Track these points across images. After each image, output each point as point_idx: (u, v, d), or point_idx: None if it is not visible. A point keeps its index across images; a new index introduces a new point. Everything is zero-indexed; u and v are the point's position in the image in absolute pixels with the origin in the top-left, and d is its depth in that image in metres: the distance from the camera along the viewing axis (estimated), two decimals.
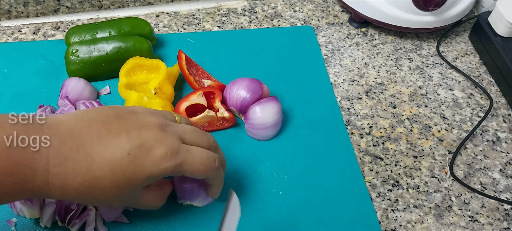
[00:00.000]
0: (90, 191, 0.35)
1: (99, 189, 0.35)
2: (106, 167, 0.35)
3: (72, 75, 0.55)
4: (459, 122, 0.57)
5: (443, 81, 0.62)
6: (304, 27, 0.67)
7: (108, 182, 0.35)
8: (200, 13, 0.69)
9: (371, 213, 0.46)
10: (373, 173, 0.51)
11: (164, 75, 0.52)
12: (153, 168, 0.36)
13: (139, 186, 0.37)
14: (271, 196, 0.47)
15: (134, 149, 0.36)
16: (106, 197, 0.37)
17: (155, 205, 0.41)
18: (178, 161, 0.37)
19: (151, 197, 0.41)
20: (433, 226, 0.47)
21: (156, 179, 0.38)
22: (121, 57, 0.54)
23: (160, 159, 0.36)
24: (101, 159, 0.35)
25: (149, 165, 0.36)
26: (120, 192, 0.36)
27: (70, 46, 0.55)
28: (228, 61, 0.61)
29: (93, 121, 0.37)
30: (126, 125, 0.37)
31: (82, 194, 0.36)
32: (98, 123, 0.37)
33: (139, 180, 0.36)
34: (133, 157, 0.35)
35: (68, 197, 0.36)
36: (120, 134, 0.36)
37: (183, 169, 0.38)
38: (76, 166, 0.35)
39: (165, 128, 0.38)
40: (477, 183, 0.51)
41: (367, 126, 0.56)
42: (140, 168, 0.36)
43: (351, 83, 0.61)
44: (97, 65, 0.55)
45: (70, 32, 0.56)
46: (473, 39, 0.68)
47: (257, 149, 0.51)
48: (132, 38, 0.56)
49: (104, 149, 0.35)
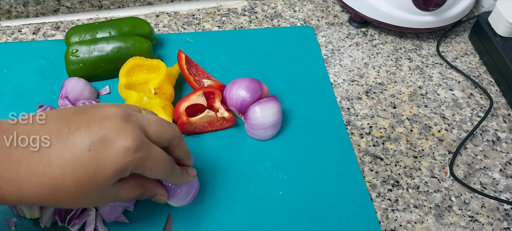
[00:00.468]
0: (52, 193, 0.33)
1: (61, 191, 0.33)
2: (66, 166, 0.33)
3: (72, 75, 0.55)
4: (459, 122, 0.57)
5: (443, 81, 0.62)
6: (304, 27, 0.67)
7: (70, 182, 0.33)
8: (200, 13, 0.69)
9: (371, 213, 0.46)
10: (373, 173, 0.51)
11: (164, 75, 0.52)
12: (118, 161, 0.34)
13: (107, 182, 0.34)
14: (271, 196, 0.47)
15: (94, 143, 0.33)
16: (73, 199, 0.34)
17: (136, 195, 0.39)
18: (143, 154, 0.35)
19: (129, 189, 0.38)
20: (433, 226, 0.47)
21: (124, 173, 0.35)
22: (121, 57, 0.54)
23: (124, 150, 0.34)
24: (59, 158, 0.33)
25: (113, 158, 0.33)
26: (87, 191, 0.34)
27: (70, 46, 0.55)
28: (228, 62, 0.61)
29: (52, 119, 0.35)
30: (86, 119, 0.34)
31: (42, 197, 0.33)
32: (57, 121, 0.34)
33: (105, 176, 0.34)
34: (95, 152, 0.33)
35: (28, 202, 0.34)
36: (79, 128, 0.34)
37: (147, 165, 0.35)
38: (30, 168, 0.32)
39: (128, 118, 0.35)
40: (477, 183, 0.51)
41: (367, 126, 0.56)
42: (103, 162, 0.33)
43: (351, 83, 0.61)
44: (97, 65, 0.55)
45: (70, 32, 0.56)
46: (473, 39, 0.68)
47: (257, 149, 0.51)
48: (132, 38, 0.56)
49: (62, 147, 0.33)
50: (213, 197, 0.46)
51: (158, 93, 0.51)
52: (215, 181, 0.48)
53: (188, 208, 0.45)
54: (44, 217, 0.42)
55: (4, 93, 0.55)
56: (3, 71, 0.57)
